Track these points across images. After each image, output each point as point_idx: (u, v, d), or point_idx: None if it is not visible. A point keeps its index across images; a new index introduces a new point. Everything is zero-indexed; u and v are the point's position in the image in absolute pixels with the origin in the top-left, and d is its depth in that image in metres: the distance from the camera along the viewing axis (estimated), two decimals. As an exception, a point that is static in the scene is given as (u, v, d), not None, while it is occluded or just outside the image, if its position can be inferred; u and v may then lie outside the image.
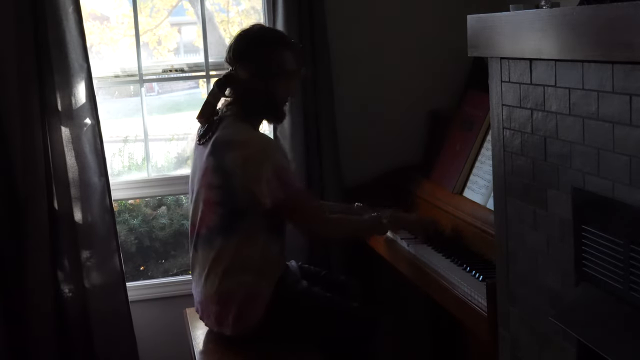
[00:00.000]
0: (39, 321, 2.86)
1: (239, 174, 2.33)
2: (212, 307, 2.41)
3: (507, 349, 2.02)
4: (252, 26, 2.53)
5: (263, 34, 2.50)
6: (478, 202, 2.58)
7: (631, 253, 1.45)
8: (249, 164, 2.33)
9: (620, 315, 1.49)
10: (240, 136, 2.39)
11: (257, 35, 2.48)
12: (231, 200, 2.36)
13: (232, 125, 2.42)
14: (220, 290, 2.38)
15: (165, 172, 3.73)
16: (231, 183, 2.34)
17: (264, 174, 2.32)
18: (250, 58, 2.44)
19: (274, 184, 2.32)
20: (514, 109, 1.87)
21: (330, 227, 2.55)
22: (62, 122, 2.85)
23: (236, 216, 2.37)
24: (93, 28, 3.60)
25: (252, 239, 2.38)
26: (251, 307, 2.38)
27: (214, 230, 2.39)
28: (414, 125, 3.28)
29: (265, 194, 2.32)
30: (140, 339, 3.06)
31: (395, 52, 3.24)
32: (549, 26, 1.60)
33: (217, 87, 2.49)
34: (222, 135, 2.39)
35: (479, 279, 2.25)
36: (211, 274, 2.40)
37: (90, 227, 2.90)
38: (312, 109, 3.06)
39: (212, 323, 2.45)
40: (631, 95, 1.41)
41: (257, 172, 2.32)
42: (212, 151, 2.38)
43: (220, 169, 2.35)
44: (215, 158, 2.37)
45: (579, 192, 1.62)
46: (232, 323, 2.38)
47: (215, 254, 2.39)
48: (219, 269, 2.38)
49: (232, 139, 2.38)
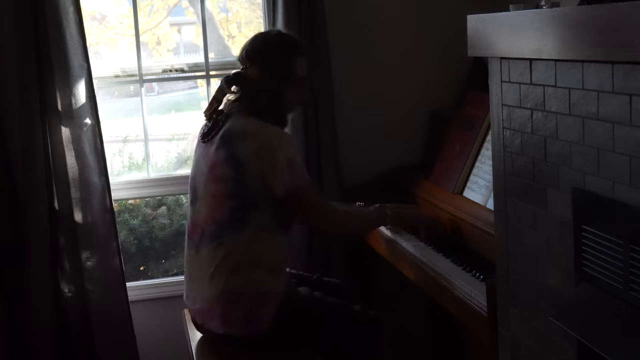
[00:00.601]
0: (39, 321, 2.86)
1: (253, 163, 2.32)
2: (217, 309, 2.36)
3: (507, 349, 2.02)
4: (271, 30, 2.58)
5: (279, 38, 2.51)
6: (478, 202, 2.58)
7: (631, 253, 1.45)
8: (264, 153, 2.32)
9: (620, 315, 1.49)
10: (252, 127, 2.38)
11: (274, 38, 2.50)
12: (244, 191, 2.34)
13: (242, 118, 2.42)
14: (228, 289, 2.34)
15: (165, 172, 3.73)
16: (244, 173, 2.33)
17: (278, 164, 2.32)
18: (263, 58, 2.45)
19: (286, 175, 2.32)
20: (514, 109, 1.87)
21: (338, 220, 2.56)
22: (62, 122, 2.85)
23: (248, 208, 2.35)
24: (92, 28, 3.60)
25: (262, 233, 2.36)
26: (263, 306, 2.35)
27: (222, 225, 2.36)
28: (414, 126, 3.28)
29: (278, 184, 2.32)
30: (140, 339, 3.06)
31: (395, 52, 3.24)
32: (549, 26, 1.60)
33: (225, 83, 2.48)
34: (232, 127, 2.38)
35: (479, 279, 2.25)
36: (217, 273, 2.36)
37: (90, 227, 2.90)
38: (312, 109, 3.07)
39: (217, 325, 2.38)
40: (631, 95, 1.41)
41: (271, 160, 2.32)
42: (222, 144, 2.36)
43: (233, 160, 2.34)
44: (227, 149, 2.35)
45: (579, 192, 1.62)
46: (242, 323, 2.35)
47: (223, 251, 2.35)
48: (227, 266, 2.34)
49: (244, 130, 2.37)
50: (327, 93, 3.08)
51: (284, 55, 2.45)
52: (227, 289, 2.35)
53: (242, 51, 2.50)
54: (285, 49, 2.46)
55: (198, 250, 2.43)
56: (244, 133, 2.36)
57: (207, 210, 2.40)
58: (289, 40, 2.52)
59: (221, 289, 2.35)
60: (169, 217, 3.82)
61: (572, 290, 1.67)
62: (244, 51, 2.49)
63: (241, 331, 2.36)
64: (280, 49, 2.46)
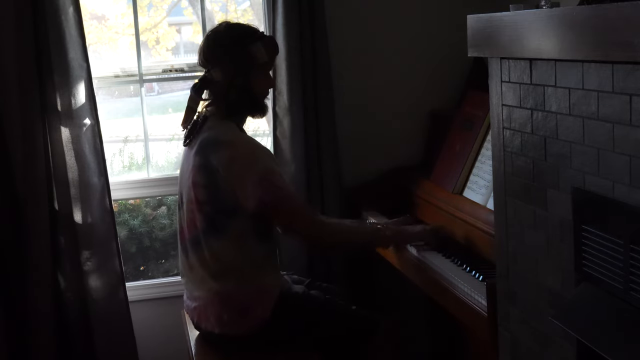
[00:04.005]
0: (39, 321, 2.86)
1: (222, 173, 2.31)
2: (210, 308, 2.37)
3: (507, 349, 2.02)
4: (219, 25, 2.48)
5: (229, 32, 2.44)
6: (478, 202, 2.58)
7: (631, 253, 1.45)
8: (234, 165, 2.31)
9: (620, 315, 1.49)
10: (226, 136, 2.37)
11: (224, 34, 2.44)
12: (217, 199, 2.34)
13: (217, 125, 2.41)
14: (218, 291, 2.35)
15: (165, 172, 3.73)
16: (217, 182, 2.32)
17: (249, 177, 2.30)
18: (221, 58, 2.41)
19: (260, 187, 2.30)
20: (514, 109, 1.87)
21: (325, 231, 2.47)
22: (62, 122, 2.85)
23: (225, 215, 2.34)
24: (90, 28, 3.60)
25: (241, 240, 2.35)
26: (256, 305, 2.35)
27: (203, 231, 2.36)
28: (414, 125, 3.28)
29: (248, 197, 2.30)
30: (140, 339, 3.06)
31: (395, 52, 3.24)
32: (549, 26, 1.60)
33: (194, 91, 2.45)
34: (208, 135, 2.38)
35: (479, 279, 2.25)
36: (206, 276, 2.37)
37: (90, 227, 2.90)
38: (312, 109, 3.06)
39: (212, 325, 2.39)
40: (631, 95, 1.41)
41: (241, 174, 2.30)
42: (198, 151, 2.37)
43: (206, 167, 2.34)
44: (201, 157, 2.35)
45: (579, 192, 1.62)
46: (237, 323, 2.35)
47: (207, 256, 2.36)
48: (213, 270, 2.36)
49: (218, 139, 2.36)
50: (327, 93, 3.07)
51: (238, 47, 2.40)
52: (217, 291, 2.36)
53: (200, 55, 2.46)
54: (237, 40, 2.41)
55: (187, 254, 2.45)
56: (219, 142, 2.35)
57: (189, 216, 2.41)
58: (239, 30, 2.46)
59: (212, 291, 2.36)
60: (169, 217, 3.82)
61: (572, 290, 1.67)
62: (202, 54, 2.45)
63: (236, 330, 2.37)
64: (232, 41, 2.41)
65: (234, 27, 2.48)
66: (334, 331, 2.42)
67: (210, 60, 2.43)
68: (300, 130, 3.04)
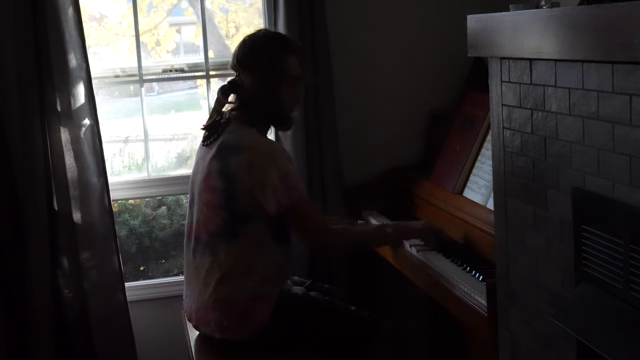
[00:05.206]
0: (39, 321, 2.86)
1: (243, 178, 2.29)
2: (211, 314, 2.36)
3: (507, 349, 2.01)
4: (258, 31, 2.49)
5: (267, 39, 2.45)
6: (478, 202, 2.58)
7: (631, 253, 1.45)
8: (254, 169, 2.30)
9: (620, 315, 1.49)
10: (246, 140, 2.35)
11: (262, 40, 2.44)
12: (235, 203, 2.32)
13: (238, 129, 2.39)
14: (221, 296, 2.34)
15: (165, 172, 3.72)
16: (235, 187, 2.31)
17: (270, 180, 2.28)
18: (254, 64, 2.40)
19: (279, 190, 2.29)
20: (514, 109, 1.87)
21: (333, 236, 2.49)
22: (61, 123, 2.85)
23: (240, 220, 2.33)
24: (90, 30, 3.59)
25: (256, 244, 2.34)
26: (256, 312, 2.34)
27: (216, 234, 2.35)
28: (414, 125, 3.28)
29: (269, 201, 2.29)
30: (139, 339, 3.05)
31: (395, 52, 3.24)
32: (549, 26, 1.60)
33: (221, 93, 2.45)
34: (228, 139, 2.36)
35: (479, 279, 2.25)
36: (210, 280, 2.35)
37: (89, 227, 2.90)
38: (312, 109, 3.06)
39: (211, 330, 2.38)
40: (631, 95, 1.41)
41: (262, 177, 2.29)
42: (216, 154, 2.35)
43: (225, 172, 2.32)
44: (220, 161, 2.33)
45: (579, 192, 1.62)
46: (236, 329, 2.34)
47: (216, 260, 2.34)
48: (219, 275, 2.34)
49: (238, 143, 2.34)
50: (327, 93, 3.07)
51: (273, 55, 2.40)
52: (219, 297, 2.35)
53: (233, 58, 2.46)
54: (272, 49, 2.41)
55: (194, 255, 2.44)
56: (239, 146, 2.34)
57: (201, 218, 2.40)
58: (276, 39, 2.47)
59: (214, 296, 2.35)
60: (169, 217, 3.81)
61: (572, 290, 1.67)
62: (235, 58, 2.45)
63: (237, 336, 2.36)
64: (267, 50, 2.41)
65: (271, 35, 2.51)
66: (334, 332, 2.42)
67: (243, 64, 2.42)
68: (301, 130, 3.04)
